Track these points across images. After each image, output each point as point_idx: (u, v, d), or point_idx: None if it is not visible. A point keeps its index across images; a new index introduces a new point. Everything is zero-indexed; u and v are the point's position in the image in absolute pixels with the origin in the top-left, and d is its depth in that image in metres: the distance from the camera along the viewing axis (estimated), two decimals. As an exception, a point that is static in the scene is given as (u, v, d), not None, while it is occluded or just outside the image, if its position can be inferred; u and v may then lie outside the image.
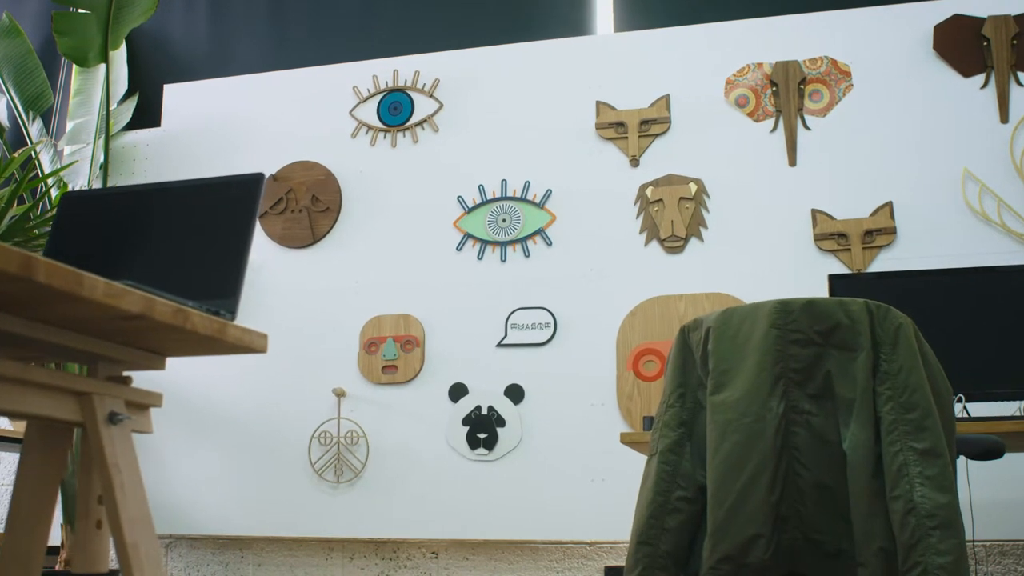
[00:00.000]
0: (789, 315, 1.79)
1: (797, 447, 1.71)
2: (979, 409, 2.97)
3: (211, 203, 1.35)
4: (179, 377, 3.89)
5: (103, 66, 4.08)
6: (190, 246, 1.33)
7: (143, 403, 1.31)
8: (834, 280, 2.74)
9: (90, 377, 1.23)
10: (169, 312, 1.13)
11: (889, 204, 3.38)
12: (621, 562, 3.31)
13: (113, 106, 4.25)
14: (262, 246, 3.93)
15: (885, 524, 1.66)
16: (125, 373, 1.30)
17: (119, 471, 1.18)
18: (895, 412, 1.70)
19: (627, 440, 2.45)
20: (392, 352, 3.58)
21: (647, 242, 3.56)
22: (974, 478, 3.10)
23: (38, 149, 3.92)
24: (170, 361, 3.94)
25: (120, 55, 4.34)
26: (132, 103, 4.31)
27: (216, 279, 1.30)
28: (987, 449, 1.94)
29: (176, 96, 4.25)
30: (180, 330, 1.16)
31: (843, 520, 1.70)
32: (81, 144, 4.15)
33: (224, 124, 4.13)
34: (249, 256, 1.26)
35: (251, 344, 1.27)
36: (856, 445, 1.70)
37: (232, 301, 1.29)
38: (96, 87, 4.25)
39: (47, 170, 3.93)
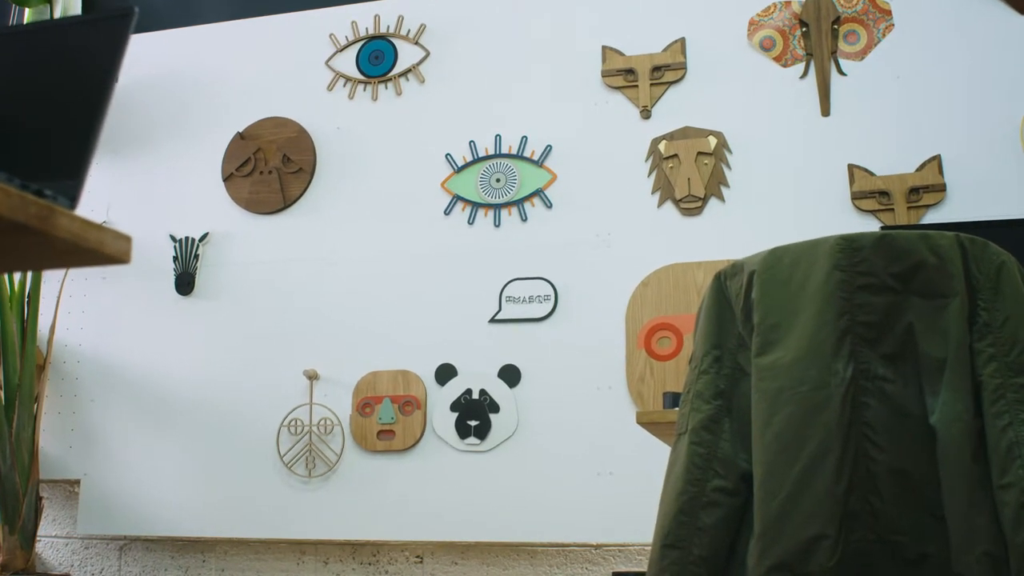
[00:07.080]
0: (857, 253, 1.49)
1: (869, 423, 1.43)
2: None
3: (55, 51, 0.94)
4: (131, 358, 3.67)
5: (51, 12, 3.81)
6: (16, 108, 0.91)
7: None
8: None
9: None
10: (-64, 177, 0.70)
11: (937, 158, 3.16)
12: (631, 567, 3.14)
13: (65, 60, 3.96)
14: (227, 211, 3.72)
15: (991, 522, 1.37)
16: None
17: None
18: (1001, 375, 1.40)
19: (644, 420, 2.08)
20: (389, 415, 3.36)
21: (660, 203, 3.36)
22: None
23: None
24: (119, 340, 3.66)
25: (74, 2, 4.11)
26: (86, 57, 4.03)
27: (51, 153, 0.89)
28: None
29: (135, 47, 3.99)
30: (-34, 212, 0.74)
31: (931, 516, 1.41)
32: (30, 103, 3.85)
33: (187, 78, 3.94)
34: (103, 125, 0.85)
35: (100, 246, 0.85)
36: (949, 419, 1.40)
37: (73, 184, 0.88)
38: (49, 42, 3.96)
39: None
